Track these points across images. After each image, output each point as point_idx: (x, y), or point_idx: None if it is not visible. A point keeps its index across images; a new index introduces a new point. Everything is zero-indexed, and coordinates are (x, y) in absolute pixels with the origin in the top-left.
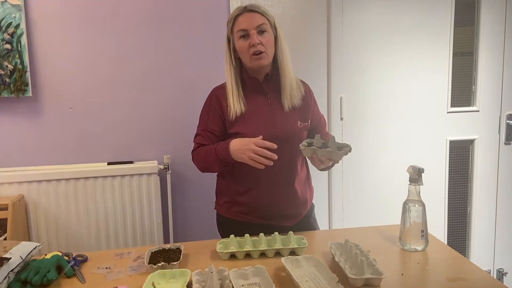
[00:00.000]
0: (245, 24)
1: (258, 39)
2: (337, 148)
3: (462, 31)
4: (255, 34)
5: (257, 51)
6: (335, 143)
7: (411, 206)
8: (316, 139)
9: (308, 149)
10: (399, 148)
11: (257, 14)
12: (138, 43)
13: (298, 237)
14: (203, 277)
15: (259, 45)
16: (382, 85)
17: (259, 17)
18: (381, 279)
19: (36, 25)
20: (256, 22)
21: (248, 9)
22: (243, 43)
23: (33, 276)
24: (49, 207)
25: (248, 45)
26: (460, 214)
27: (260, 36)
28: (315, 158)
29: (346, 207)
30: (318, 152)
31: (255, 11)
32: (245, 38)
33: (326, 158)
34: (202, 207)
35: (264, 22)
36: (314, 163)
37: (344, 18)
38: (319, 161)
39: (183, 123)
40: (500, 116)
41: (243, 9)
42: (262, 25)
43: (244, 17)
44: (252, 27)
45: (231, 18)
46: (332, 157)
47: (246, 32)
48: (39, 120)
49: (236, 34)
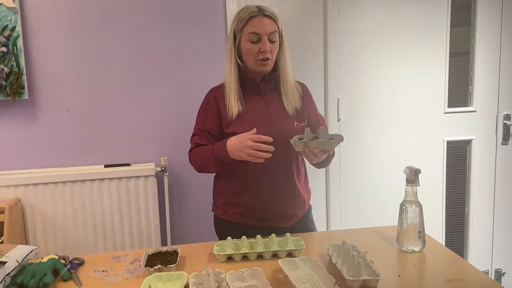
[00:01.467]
0: (259, 28)
1: (269, 47)
2: (328, 139)
3: (459, 32)
4: (267, 41)
5: (265, 58)
6: (326, 134)
7: (408, 207)
8: (306, 132)
9: (300, 143)
10: (396, 149)
11: (271, 20)
12: (134, 46)
13: (295, 238)
14: (200, 279)
15: (268, 52)
16: (379, 86)
17: (272, 24)
18: (378, 280)
19: (32, 28)
20: (270, 28)
21: (263, 13)
22: (253, 47)
23: (29, 280)
24: (46, 210)
25: (258, 50)
26: (458, 214)
27: (269, 44)
28: (308, 152)
29: (343, 208)
30: (310, 144)
31: (269, 16)
32: (255, 41)
33: (319, 150)
34: (199, 209)
35: (275, 30)
36: (307, 157)
37: (340, 19)
38: (313, 155)
39: (180, 125)
40: (497, 116)
41: (258, 11)
42: (273, 32)
43: (259, 21)
44: (266, 32)
45: (243, 18)
46: (325, 147)
47: (259, 37)
48: (35, 123)
49: (246, 35)
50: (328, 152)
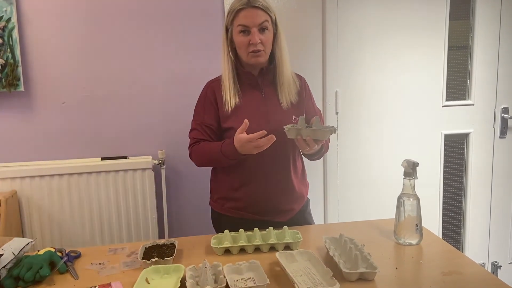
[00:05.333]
0: (247, 20)
1: (259, 38)
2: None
3: (457, 25)
4: (256, 32)
5: (256, 50)
6: (319, 124)
7: (406, 200)
8: (300, 121)
9: (292, 130)
10: (394, 142)
11: (260, 11)
12: (131, 38)
13: (293, 231)
14: (197, 272)
15: (258, 44)
16: (377, 79)
17: (262, 14)
18: (376, 273)
19: (28, 19)
20: (259, 19)
21: (252, 4)
22: (243, 39)
23: (26, 272)
24: (42, 203)
25: (248, 42)
26: (455, 207)
27: (260, 34)
28: (300, 140)
29: (341, 201)
30: (303, 132)
31: (259, 7)
32: (245, 34)
33: (311, 139)
34: (196, 202)
35: (266, 19)
36: (300, 145)
37: (339, 12)
38: (305, 143)
39: (177, 118)
40: (495, 110)
41: (247, 3)
42: (264, 22)
43: (247, 13)
44: (254, 24)
45: (232, 10)
46: (317, 136)
47: (247, 28)
48: (31, 115)
49: (236, 27)
50: (321, 142)
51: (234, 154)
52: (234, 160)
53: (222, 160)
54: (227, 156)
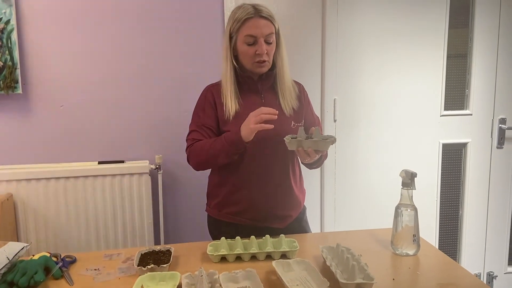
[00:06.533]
0: (255, 31)
1: (265, 49)
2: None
3: (456, 34)
4: (263, 43)
5: (262, 60)
6: (319, 134)
7: (403, 210)
8: (300, 132)
9: (293, 142)
10: (392, 151)
11: (267, 21)
12: (129, 41)
13: (290, 240)
14: (193, 280)
15: (265, 54)
16: (376, 87)
17: (269, 26)
18: (373, 284)
19: (27, 21)
20: (266, 30)
21: (260, 14)
22: (249, 49)
23: (20, 278)
24: (38, 207)
25: (254, 52)
26: (452, 217)
27: (266, 45)
28: (301, 151)
29: (338, 210)
30: (304, 143)
31: (266, 17)
32: (251, 43)
33: (313, 150)
34: (193, 208)
35: (272, 31)
36: (300, 156)
37: (338, 20)
38: (306, 154)
39: (175, 123)
40: (493, 120)
41: (254, 12)
42: (270, 34)
43: (255, 22)
44: (262, 34)
45: (239, 18)
46: (319, 147)
47: (255, 39)
48: (29, 117)
49: (242, 37)
50: (321, 153)
51: (237, 141)
52: (235, 150)
53: (223, 151)
54: (229, 142)
